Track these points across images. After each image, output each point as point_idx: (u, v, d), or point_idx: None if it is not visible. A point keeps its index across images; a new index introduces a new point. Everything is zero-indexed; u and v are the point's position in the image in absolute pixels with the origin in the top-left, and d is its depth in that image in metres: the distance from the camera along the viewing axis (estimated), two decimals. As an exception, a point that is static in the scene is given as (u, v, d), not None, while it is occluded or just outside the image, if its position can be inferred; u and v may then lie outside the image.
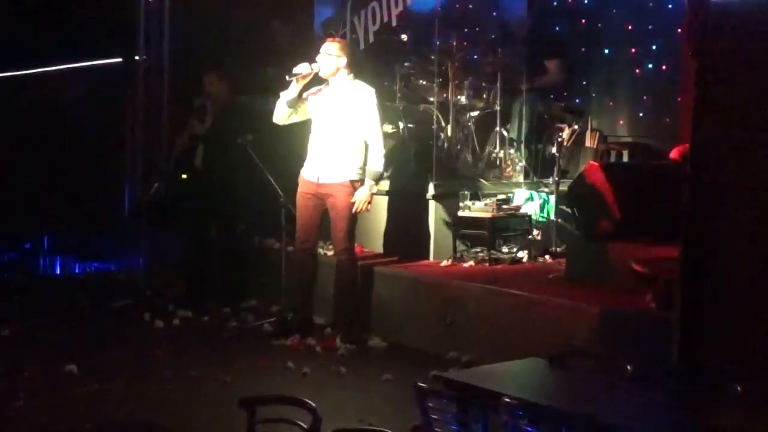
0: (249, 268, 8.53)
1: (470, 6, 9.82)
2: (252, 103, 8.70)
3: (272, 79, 8.58)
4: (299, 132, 7.43)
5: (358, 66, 8.70)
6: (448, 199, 7.88)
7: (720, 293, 4.87)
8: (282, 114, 7.18)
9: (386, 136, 8.32)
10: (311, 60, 7.06)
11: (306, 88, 7.14)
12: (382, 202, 8.16)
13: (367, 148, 7.06)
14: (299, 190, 7.18)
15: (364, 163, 7.05)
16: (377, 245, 8.16)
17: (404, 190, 8.08)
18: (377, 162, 7.03)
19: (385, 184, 8.17)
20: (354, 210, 6.99)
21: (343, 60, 7.04)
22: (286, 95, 7.08)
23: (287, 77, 7.03)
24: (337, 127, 7.03)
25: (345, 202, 6.99)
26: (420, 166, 8.17)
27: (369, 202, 7.03)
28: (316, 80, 7.18)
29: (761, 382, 4.20)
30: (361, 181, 7.03)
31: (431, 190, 7.87)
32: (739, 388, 3.86)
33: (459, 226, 7.77)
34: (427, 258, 7.83)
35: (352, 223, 7.08)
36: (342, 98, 7.05)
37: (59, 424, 5.49)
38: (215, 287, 8.48)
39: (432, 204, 7.87)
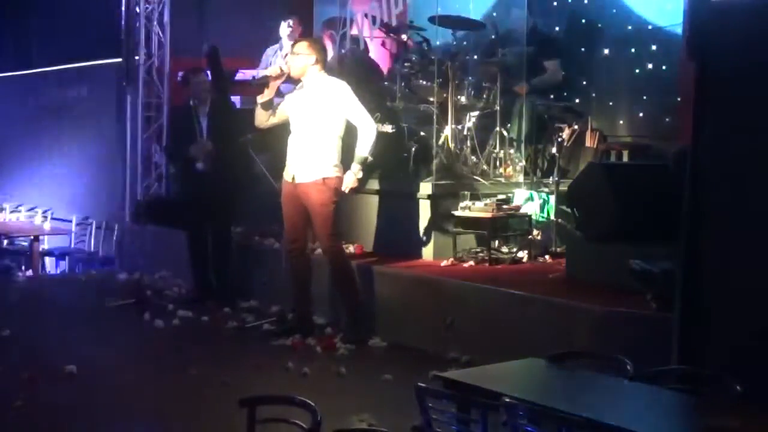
0: (249, 268, 8.52)
1: (470, 6, 9.79)
2: (249, 103, 8.71)
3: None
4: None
5: (357, 67, 8.75)
6: (448, 199, 7.87)
7: (720, 293, 4.87)
8: (261, 118, 7.25)
9: (381, 134, 8.39)
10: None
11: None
12: (383, 202, 8.16)
13: (341, 145, 7.07)
14: (282, 191, 7.22)
15: (340, 160, 7.06)
16: (377, 245, 8.14)
17: (404, 190, 8.07)
18: (365, 147, 7.03)
19: (374, 184, 8.17)
20: (344, 189, 7.01)
21: (312, 58, 7.05)
22: (261, 99, 7.17)
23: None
24: (310, 125, 7.05)
25: (319, 200, 7.00)
26: (420, 166, 8.17)
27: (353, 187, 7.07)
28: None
29: (761, 382, 4.21)
30: (338, 179, 7.01)
31: (431, 190, 7.86)
32: (739, 388, 3.86)
33: (458, 226, 7.76)
34: (427, 258, 7.82)
35: (331, 221, 7.07)
36: (315, 96, 7.06)
37: (59, 424, 5.49)
38: (215, 287, 8.47)
39: (432, 204, 7.86)
